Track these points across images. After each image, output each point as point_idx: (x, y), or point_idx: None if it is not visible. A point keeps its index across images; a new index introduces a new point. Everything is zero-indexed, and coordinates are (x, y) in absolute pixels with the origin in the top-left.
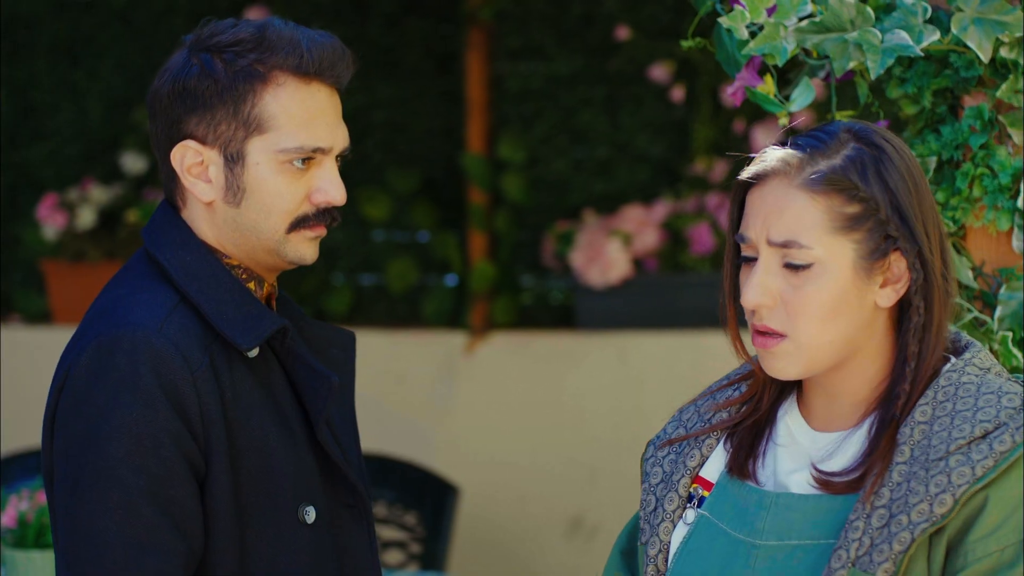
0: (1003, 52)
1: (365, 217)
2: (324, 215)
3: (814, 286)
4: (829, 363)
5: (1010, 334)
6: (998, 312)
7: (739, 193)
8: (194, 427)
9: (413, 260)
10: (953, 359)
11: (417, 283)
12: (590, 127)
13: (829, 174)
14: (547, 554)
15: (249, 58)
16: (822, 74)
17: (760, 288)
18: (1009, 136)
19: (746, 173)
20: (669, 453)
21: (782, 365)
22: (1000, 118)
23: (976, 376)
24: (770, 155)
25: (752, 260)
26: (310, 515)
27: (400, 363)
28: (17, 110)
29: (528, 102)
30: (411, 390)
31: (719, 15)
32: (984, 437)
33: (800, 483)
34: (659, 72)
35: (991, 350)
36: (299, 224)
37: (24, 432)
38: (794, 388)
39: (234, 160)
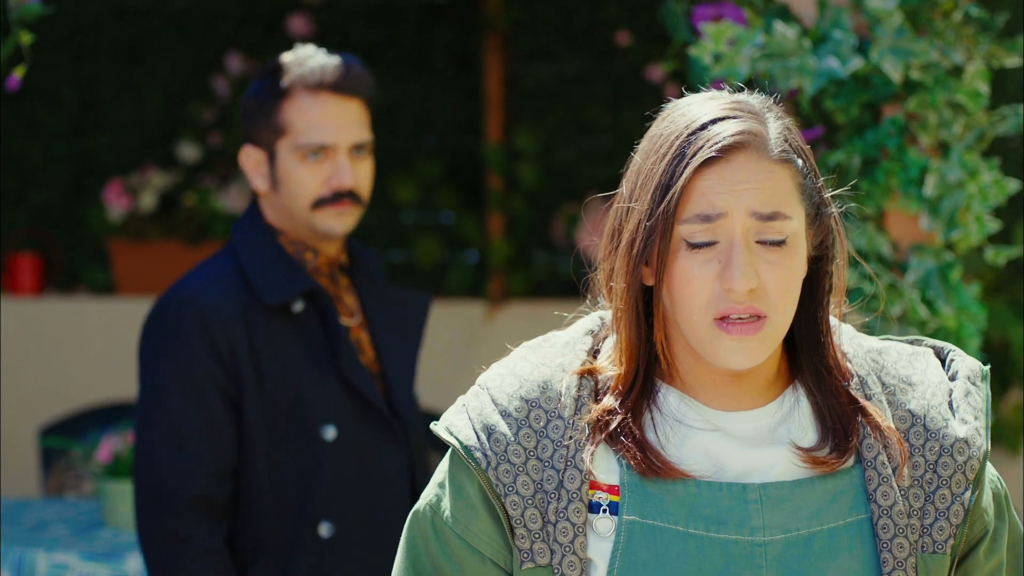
0: (913, 74)
1: (395, 200)
2: (340, 196)
3: (791, 260)
4: None
5: (917, 293)
6: (909, 277)
7: (686, 174)
8: (226, 364)
9: (438, 239)
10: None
11: (442, 259)
12: (595, 120)
13: (784, 144)
14: None
15: (277, 78)
16: (771, 91)
17: (751, 269)
18: (917, 140)
19: (710, 150)
20: (528, 458)
21: (757, 354)
22: (911, 126)
23: (860, 336)
24: (728, 128)
25: (706, 245)
26: (329, 433)
27: (427, 329)
28: (82, 104)
29: (540, 98)
30: (436, 353)
31: (690, 44)
32: (949, 399)
33: (779, 469)
34: (655, 73)
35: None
36: (320, 204)
37: (93, 387)
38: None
39: (272, 158)
